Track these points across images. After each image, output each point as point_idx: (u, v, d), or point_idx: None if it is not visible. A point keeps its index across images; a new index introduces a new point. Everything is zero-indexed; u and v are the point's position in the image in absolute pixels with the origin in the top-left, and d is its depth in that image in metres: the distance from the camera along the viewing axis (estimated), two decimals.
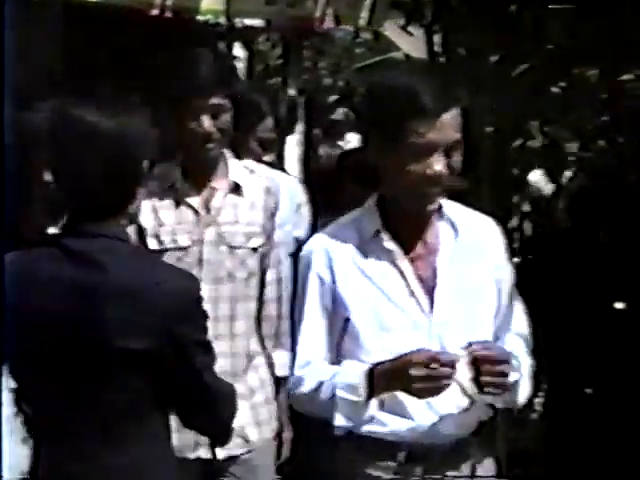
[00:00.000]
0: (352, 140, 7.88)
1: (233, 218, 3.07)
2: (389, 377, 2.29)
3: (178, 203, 3.04)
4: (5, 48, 2.83)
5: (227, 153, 3.12)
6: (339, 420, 2.34)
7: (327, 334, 2.43)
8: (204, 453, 3.00)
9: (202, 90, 2.89)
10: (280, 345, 3.16)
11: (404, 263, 2.40)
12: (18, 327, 2.13)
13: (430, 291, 2.39)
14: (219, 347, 2.88)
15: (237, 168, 3.12)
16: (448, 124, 2.28)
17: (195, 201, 3.06)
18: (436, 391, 2.25)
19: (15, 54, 3.46)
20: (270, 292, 3.17)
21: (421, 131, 2.26)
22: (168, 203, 3.04)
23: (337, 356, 2.43)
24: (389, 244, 2.41)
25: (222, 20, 3.41)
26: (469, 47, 4.45)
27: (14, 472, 2.75)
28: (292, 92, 7.70)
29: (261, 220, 3.10)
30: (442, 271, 2.41)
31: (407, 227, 2.42)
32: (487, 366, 2.26)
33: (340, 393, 2.33)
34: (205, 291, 2.79)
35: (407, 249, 2.42)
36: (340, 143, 8.22)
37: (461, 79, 4.57)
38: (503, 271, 2.49)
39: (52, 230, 2.56)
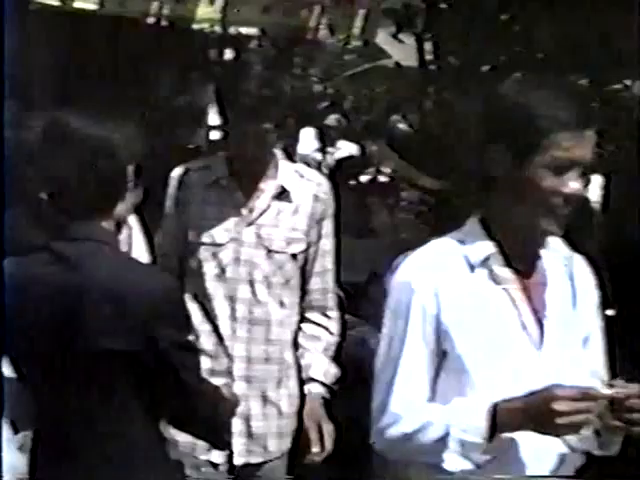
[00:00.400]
0: (344, 147, 7.88)
1: (275, 222, 3.03)
2: (521, 414, 2.08)
3: (222, 199, 3.03)
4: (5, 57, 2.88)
5: (279, 154, 3.08)
6: (451, 463, 2.12)
7: (428, 369, 2.19)
8: (216, 458, 2.98)
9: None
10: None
11: (517, 293, 2.20)
12: (13, 330, 2.20)
13: (540, 324, 2.21)
14: (254, 352, 3.02)
15: (287, 171, 3.07)
16: (588, 141, 2.13)
17: (239, 199, 3.03)
18: (577, 428, 2.06)
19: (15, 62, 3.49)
20: (313, 301, 3.11)
21: (565, 145, 2.09)
22: (212, 197, 3.03)
23: (432, 392, 2.20)
24: (502, 271, 2.19)
25: (217, 29, 3.44)
26: (461, 55, 4.49)
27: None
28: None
29: (305, 226, 3.04)
30: (552, 304, 2.22)
31: (519, 252, 2.21)
32: (633, 401, 2.07)
33: (456, 433, 2.10)
34: (240, 291, 2.97)
35: (519, 277, 2.21)
36: (330, 149, 8.23)
37: (452, 86, 4.61)
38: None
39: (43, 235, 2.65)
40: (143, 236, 3.08)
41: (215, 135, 7.48)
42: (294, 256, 3.03)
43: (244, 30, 3.53)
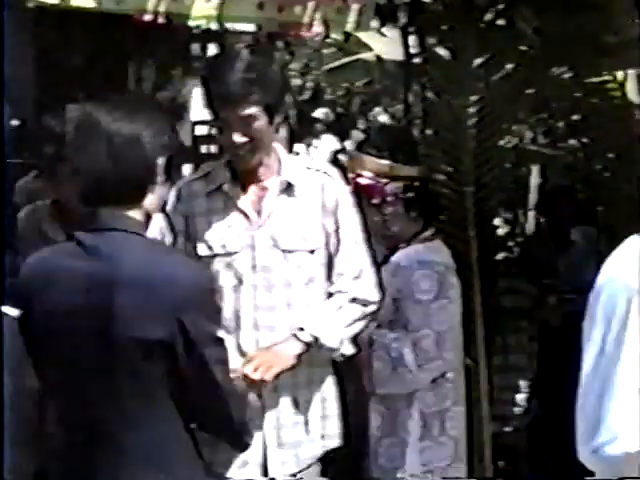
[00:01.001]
0: (328, 141, 7.89)
1: (286, 220, 2.90)
2: None
3: (227, 206, 2.90)
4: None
5: (280, 149, 2.97)
6: None
7: None
8: (253, 473, 2.86)
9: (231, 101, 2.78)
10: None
11: None
12: (41, 322, 2.24)
13: None
14: None
15: (290, 165, 2.96)
16: None
17: (245, 203, 2.92)
18: None
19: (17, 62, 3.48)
20: (349, 292, 2.98)
21: None
22: (216, 206, 2.91)
23: None
24: None
25: (213, 26, 3.46)
26: (446, 48, 4.53)
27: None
28: None
29: (319, 219, 2.92)
30: None
31: None
32: None
33: None
34: (260, 299, 2.85)
35: None
36: (315, 142, 8.23)
37: (440, 80, 4.64)
38: None
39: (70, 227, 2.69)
40: (169, 233, 3.05)
41: (202, 130, 7.50)
42: (312, 252, 2.91)
43: (239, 26, 3.55)
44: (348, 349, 3.01)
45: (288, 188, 2.93)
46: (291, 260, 2.88)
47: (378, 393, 3.54)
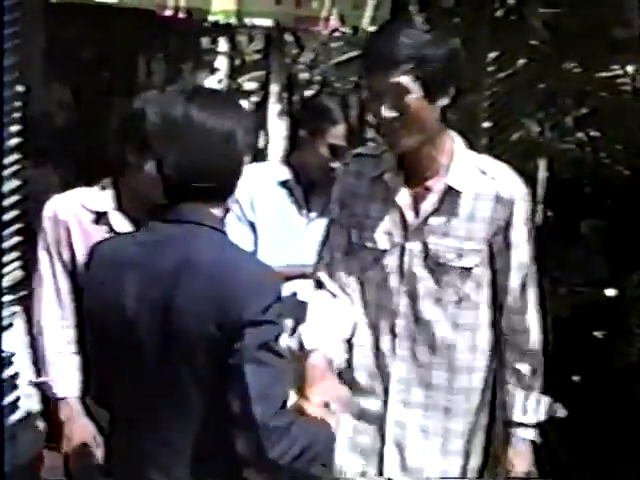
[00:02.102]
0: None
1: (444, 229, 2.56)
2: None
3: (387, 197, 2.59)
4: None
5: (455, 142, 2.58)
6: None
7: None
8: None
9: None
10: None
11: None
12: (100, 311, 2.21)
13: None
14: (413, 373, 2.58)
15: (461, 165, 2.56)
16: None
17: (404, 199, 2.59)
18: None
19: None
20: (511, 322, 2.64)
21: None
22: (377, 194, 2.61)
23: None
24: None
25: (233, 20, 3.51)
26: (467, 44, 4.57)
27: None
28: (276, 88, 7.80)
29: (483, 234, 2.55)
30: None
31: None
32: None
33: None
34: (402, 307, 2.59)
35: None
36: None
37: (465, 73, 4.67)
38: None
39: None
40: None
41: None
42: (468, 270, 2.56)
43: (257, 21, 3.60)
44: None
45: (453, 193, 2.55)
46: (443, 274, 2.56)
47: None
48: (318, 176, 3.38)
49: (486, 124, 4.31)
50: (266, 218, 3.45)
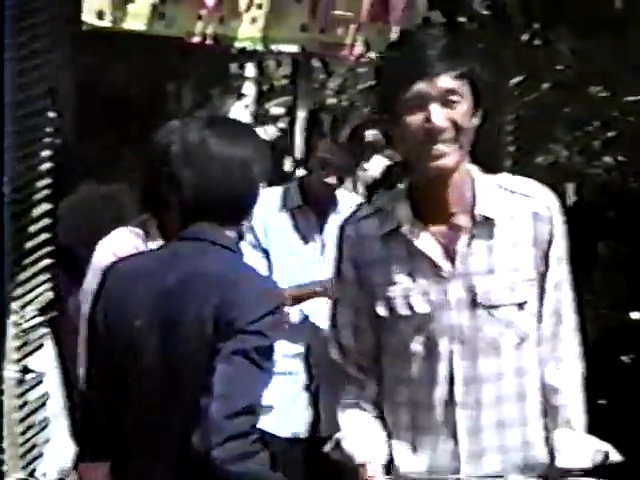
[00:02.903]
0: (378, 163, 7.89)
1: (487, 266, 2.19)
2: None
3: (410, 252, 2.20)
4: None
5: (471, 167, 2.22)
6: None
7: None
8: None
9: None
10: None
11: None
12: (112, 325, 2.28)
13: None
14: (489, 440, 2.20)
15: (489, 189, 2.20)
16: None
17: (431, 246, 2.19)
18: None
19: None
20: (542, 353, 2.23)
21: None
22: (395, 252, 2.22)
23: None
24: None
25: (259, 47, 3.56)
26: (491, 68, 4.61)
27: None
28: (302, 113, 7.85)
29: (531, 260, 2.20)
30: None
31: None
32: None
33: None
34: (459, 370, 2.20)
35: None
36: (365, 166, 8.23)
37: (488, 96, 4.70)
38: None
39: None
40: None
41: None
42: (521, 305, 2.20)
43: (283, 47, 3.66)
44: None
45: (486, 223, 2.20)
46: (498, 318, 2.19)
47: None
48: (321, 193, 3.52)
49: (510, 148, 4.34)
50: (278, 244, 3.54)
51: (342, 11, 3.67)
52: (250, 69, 8.19)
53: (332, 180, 3.53)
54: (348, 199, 3.70)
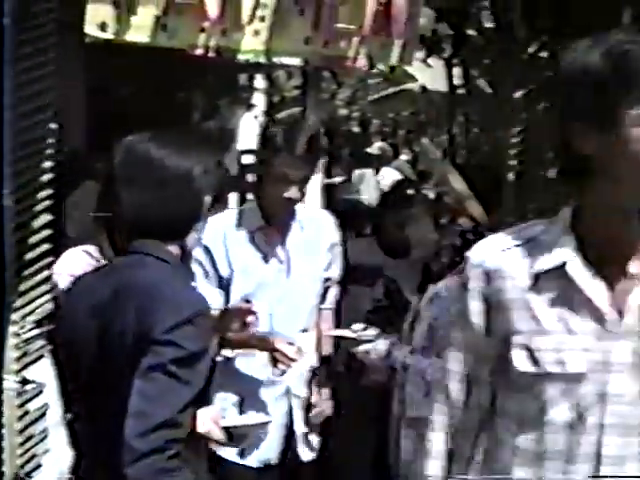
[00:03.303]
0: (388, 175, 7.89)
1: None
2: None
3: (569, 296, 1.83)
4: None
5: None
6: None
7: None
8: None
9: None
10: None
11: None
12: (70, 339, 2.32)
13: None
14: None
15: None
16: None
17: (599, 293, 1.82)
18: None
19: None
20: None
21: None
22: (553, 294, 1.84)
23: None
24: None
25: (262, 59, 3.57)
26: (489, 81, 4.61)
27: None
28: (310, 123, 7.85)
29: None
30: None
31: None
32: None
33: None
34: (609, 448, 1.84)
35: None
36: (377, 178, 8.23)
37: (482, 112, 4.71)
38: None
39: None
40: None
41: (248, 159, 7.59)
42: None
43: (286, 60, 3.66)
44: None
45: None
46: None
47: (408, 416, 3.61)
48: (282, 210, 3.43)
49: (513, 161, 4.34)
50: (239, 266, 3.46)
51: (345, 24, 3.68)
52: (259, 80, 8.21)
53: (294, 194, 3.44)
54: (311, 211, 3.71)
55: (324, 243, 3.67)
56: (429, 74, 6.89)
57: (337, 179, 8.49)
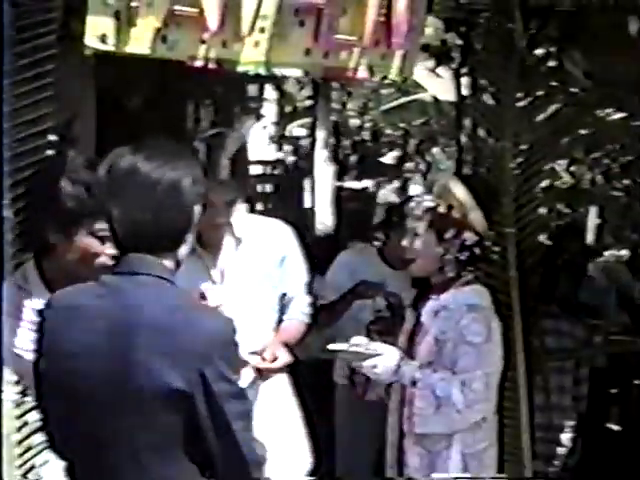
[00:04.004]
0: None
1: None
2: None
3: None
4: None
5: None
6: None
7: None
8: None
9: None
10: None
11: None
12: (57, 360, 2.23)
13: None
14: None
15: None
16: None
17: None
18: None
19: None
20: None
21: None
22: None
23: None
24: None
25: (262, 71, 3.56)
26: (496, 90, 4.60)
27: None
28: (322, 134, 7.87)
29: None
30: None
31: None
32: None
33: None
34: None
35: None
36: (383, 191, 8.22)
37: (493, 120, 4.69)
38: None
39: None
40: None
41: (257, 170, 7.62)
42: None
43: (286, 71, 3.63)
44: None
45: None
46: None
47: (417, 433, 3.58)
48: (215, 236, 3.37)
49: (516, 171, 4.33)
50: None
51: (345, 35, 3.66)
52: (270, 91, 8.24)
53: (219, 220, 3.36)
54: (256, 226, 3.56)
55: (271, 258, 3.58)
56: (438, 84, 6.90)
57: (358, 184, 8.50)
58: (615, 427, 5.18)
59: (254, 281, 3.54)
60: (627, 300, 5.71)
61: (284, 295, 3.65)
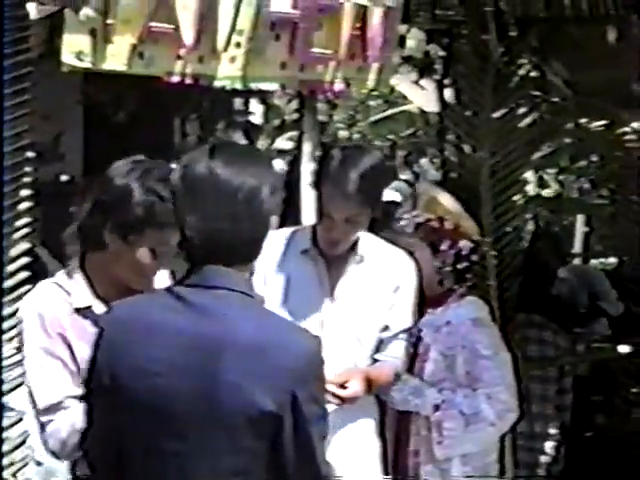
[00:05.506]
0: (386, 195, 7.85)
1: None
2: None
3: None
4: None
5: None
6: None
7: None
8: None
9: None
10: None
11: None
12: (124, 377, 2.06)
13: None
14: None
15: None
16: None
17: None
18: None
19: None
20: None
21: None
22: None
23: None
24: None
25: (238, 86, 3.59)
26: (472, 101, 4.64)
27: None
28: (308, 147, 7.87)
29: None
30: None
31: None
32: None
33: None
34: None
35: None
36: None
37: (471, 131, 4.73)
38: None
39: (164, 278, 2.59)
40: None
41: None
42: None
43: (263, 86, 3.66)
44: None
45: None
46: None
47: (448, 456, 3.52)
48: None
49: (491, 181, 4.35)
50: (282, 291, 3.28)
51: (321, 49, 3.70)
52: (255, 104, 8.25)
53: (336, 236, 3.24)
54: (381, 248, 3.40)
55: (388, 283, 3.36)
56: (422, 96, 6.92)
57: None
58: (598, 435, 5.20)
59: (365, 301, 3.34)
60: (599, 302, 5.74)
61: (386, 327, 3.40)
